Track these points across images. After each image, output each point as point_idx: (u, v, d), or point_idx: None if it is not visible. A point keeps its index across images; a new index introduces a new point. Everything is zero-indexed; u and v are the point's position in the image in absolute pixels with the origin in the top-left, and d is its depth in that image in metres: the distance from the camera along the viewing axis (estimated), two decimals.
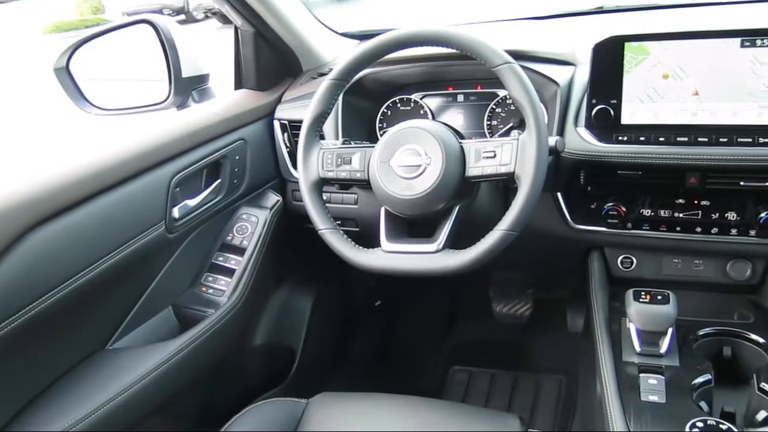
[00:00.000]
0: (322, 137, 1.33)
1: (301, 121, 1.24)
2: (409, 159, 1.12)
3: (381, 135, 1.18)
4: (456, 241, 1.12)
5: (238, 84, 1.59)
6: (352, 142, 1.26)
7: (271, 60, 1.57)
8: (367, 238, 1.25)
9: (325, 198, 1.30)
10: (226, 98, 1.51)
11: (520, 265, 1.69)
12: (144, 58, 1.46)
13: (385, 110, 1.48)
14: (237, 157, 1.43)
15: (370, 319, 2.06)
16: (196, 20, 11.63)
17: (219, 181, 1.40)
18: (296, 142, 1.26)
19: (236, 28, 1.53)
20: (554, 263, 1.52)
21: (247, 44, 1.53)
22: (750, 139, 1.10)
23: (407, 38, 1.17)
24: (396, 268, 1.13)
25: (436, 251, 1.10)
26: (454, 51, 1.13)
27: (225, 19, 1.52)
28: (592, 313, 1.23)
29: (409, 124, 1.16)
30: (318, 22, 1.65)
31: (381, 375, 2.00)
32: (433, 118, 1.44)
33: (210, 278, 1.40)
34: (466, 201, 1.17)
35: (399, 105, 1.47)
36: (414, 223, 1.20)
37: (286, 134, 1.51)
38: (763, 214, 1.14)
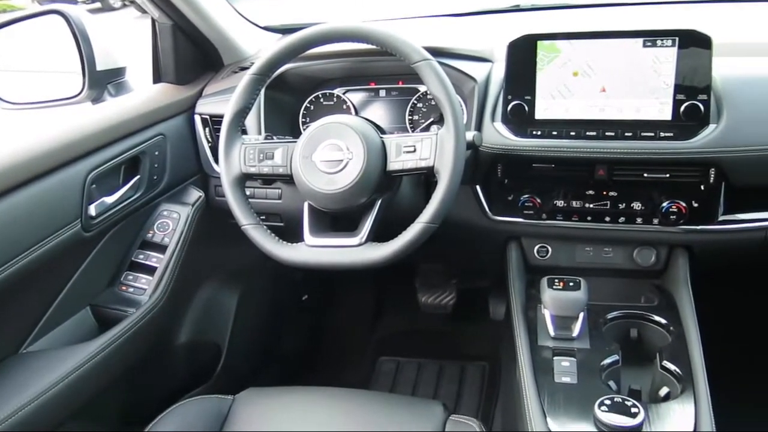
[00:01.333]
0: (244, 132, 1.32)
1: (222, 116, 1.23)
2: (331, 154, 1.13)
3: (304, 130, 1.18)
4: (379, 234, 1.14)
5: (157, 78, 1.55)
6: (274, 137, 1.26)
7: (191, 53, 1.54)
8: (291, 232, 1.25)
9: (248, 193, 1.29)
10: (144, 92, 1.48)
11: (444, 256, 1.73)
12: (56, 50, 1.40)
13: (308, 105, 1.48)
14: (156, 153, 1.40)
15: (297, 313, 2.07)
16: (114, 9, 11.19)
17: (138, 177, 1.37)
18: (218, 137, 1.24)
19: (153, 20, 1.49)
20: (475, 254, 1.56)
21: (165, 37, 1.49)
22: (652, 134, 1.17)
23: (327, 34, 1.18)
24: (319, 262, 1.14)
25: (359, 245, 1.12)
26: (375, 47, 1.15)
27: (143, 9, 1.48)
28: (510, 300, 1.28)
29: (331, 120, 1.17)
30: (239, 15, 1.64)
31: (309, 369, 2.01)
32: (356, 113, 1.46)
33: (130, 277, 1.36)
34: (388, 195, 1.19)
35: (322, 100, 1.48)
36: (337, 218, 1.21)
37: (207, 129, 1.49)
38: (664, 204, 1.21)
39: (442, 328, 2.11)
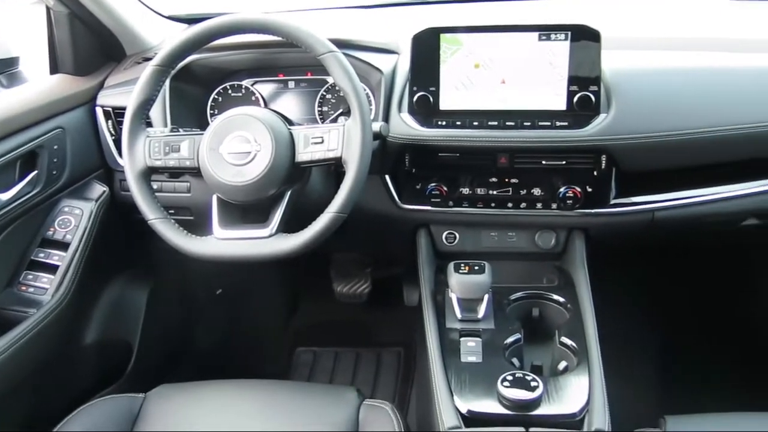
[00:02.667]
0: (149, 124, 1.29)
1: (125, 108, 1.20)
2: (238, 146, 1.13)
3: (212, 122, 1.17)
4: (290, 225, 1.15)
5: (54, 68, 1.49)
6: (180, 130, 1.24)
7: (90, 43, 1.48)
8: (202, 226, 1.24)
9: (156, 186, 1.27)
10: (41, 84, 1.41)
11: (357, 245, 1.76)
12: None
13: (216, 97, 1.47)
14: (55, 147, 1.35)
15: (211, 307, 2.04)
16: None
17: (35, 172, 1.32)
18: (121, 130, 1.21)
19: (48, 8, 1.43)
20: (387, 242, 1.59)
21: (61, 26, 1.43)
22: (549, 123, 1.24)
23: (232, 25, 1.17)
24: (229, 254, 1.14)
25: (269, 236, 1.13)
26: (281, 39, 1.16)
27: None
28: (420, 286, 1.33)
29: (237, 112, 1.17)
30: (141, 3, 1.59)
31: (225, 363, 1.99)
32: (266, 104, 1.45)
33: (30, 276, 1.31)
34: (298, 186, 1.20)
35: (230, 91, 1.46)
36: (247, 209, 1.21)
37: (110, 122, 1.45)
38: (561, 189, 1.28)
39: (358, 316, 2.14)
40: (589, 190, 1.28)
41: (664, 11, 1.67)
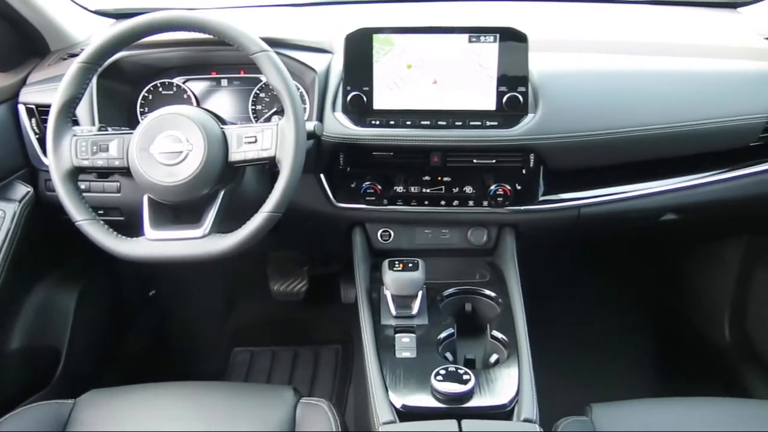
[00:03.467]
0: (75, 123, 1.26)
1: (49, 106, 1.16)
2: (169, 145, 1.12)
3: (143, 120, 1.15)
4: (224, 225, 1.15)
5: None
6: (109, 129, 1.21)
7: (11, 38, 1.43)
8: (133, 226, 1.22)
9: (84, 187, 1.24)
10: None
11: (293, 244, 1.75)
12: None
13: (146, 94, 1.43)
14: None
15: (144, 309, 2.00)
16: None
17: None
18: (46, 128, 1.17)
19: None
20: (323, 240, 1.60)
21: None
22: (479, 123, 1.27)
23: (163, 23, 1.15)
24: (161, 255, 1.12)
25: (203, 236, 1.12)
26: (213, 37, 1.15)
27: None
28: (356, 283, 1.34)
29: (168, 110, 1.15)
30: None
31: (160, 366, 1.95)
32: (198, 103, 1.43)
33: None
34: (232, 185, 1.19)
35: (161, 89, 1.43)
36: (179, 210, 1.19)
37: (33, 119, 1.39)
38: (492, 187, 1.31)
39: (295, 314, 2.14)
40: (519, 187, 1.32)
41: (589, 15, 1.73)
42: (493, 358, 1.20)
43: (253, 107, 1.42)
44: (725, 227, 1.79)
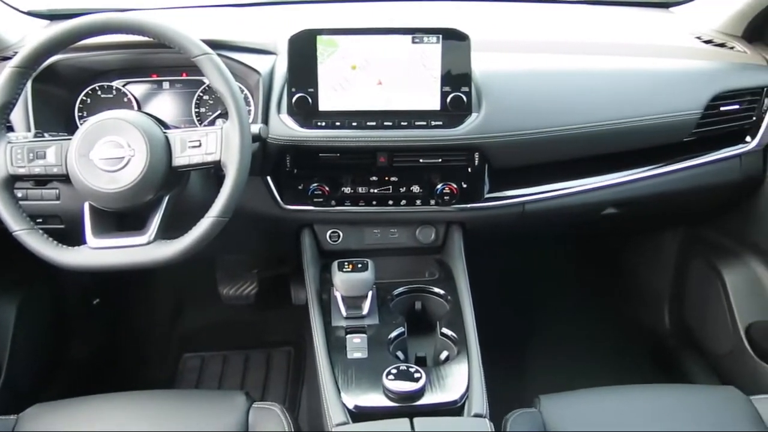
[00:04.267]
0: (10, 129, 1.21)
1: None
2: (110, 151, 1.09)
3: (81, 126, 1.12)
4: (170, 231, 1.13)
5: None
6: (46, 135, 1.17)
7: None
8: (74, 234, 1.18)
9: (21, 195, 1.20)
10: None
11: (242, 247, 1.74)
12: None
13: (84, 98, 1.39)
14: None
15: (89, 319, 1.94)
16: None
17: None
18: None
19: None
20: (272, 243, 1.59)
21: None
22: (425, 123, 1.28)
23: (100, 25, 1.12)
24: (105, 264, 1.09)
25: (148, 243, 1.10)
26: (153, 39, 1.13)
27: None
28: (306, 285, 1.34)
29: (108, 115, 1.12)
30: None
31: (107, 376, 1.90)
32: (139, 107, 1.40)
33: None
34: (176, 190, 1.17)
35: (99, 93, 1.40)
36: (123, 216, 1.17)
37: None
38: (439, 186, 1.33)
39: (246, 318, 2.12)
40: (464, 186, 1.34)
41: (528, 15, 1.77)
42: (444, 355, 1.22)
43: (197, 110, 1.40)
44: (663, 220, 1.86)
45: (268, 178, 1.35)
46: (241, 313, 2.10)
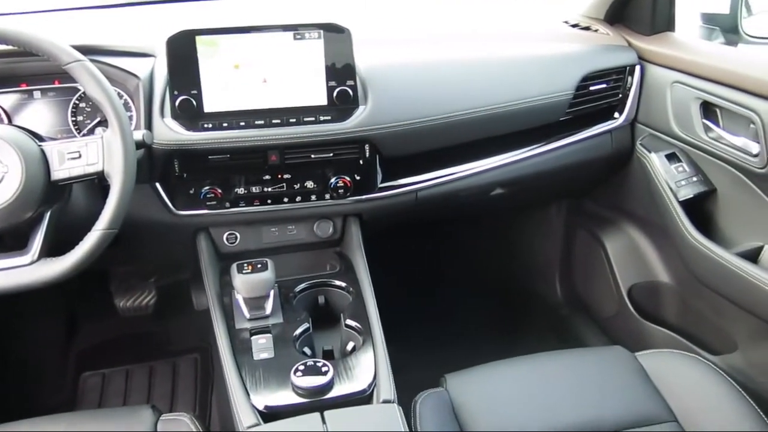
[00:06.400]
0: None
1: None
2: None
3: None
4: (56, 248, 1.07)
5: None
6: None
7: None
8: None
9: None
10: None
11: (135, 257, 1.68)
12: None
13: None
14: None
15: None
16: None
17: None
18: None
19: None
20: (167, 250, 1.55)
21: None
22: (313, 118, 1.29)
23: None
24: None
25: (31, 263, 1.04)
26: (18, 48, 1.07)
27: None
28: (206, 290, 1.32)
29: None
30: None
31: None
32: (9, 119, 1.32)
33: None
34: (58, 205, 1.12)
35: None
36: (1, 237, 1.10)
37: None
38: (332, 180, 1.34)
39: (147, 329, 2.05)
40: (358, 178, 1.36)
41: (406, 7, 1.81)
42: (350, 346, 1.24)
43: (74, 119, 1.33)
44: (548, 195, 1.97)
45: (157, 184, 1.31)
46: (142, 325, 2.03)
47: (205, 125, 1.25)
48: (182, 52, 1.23)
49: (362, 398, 1.09)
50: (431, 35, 1.58)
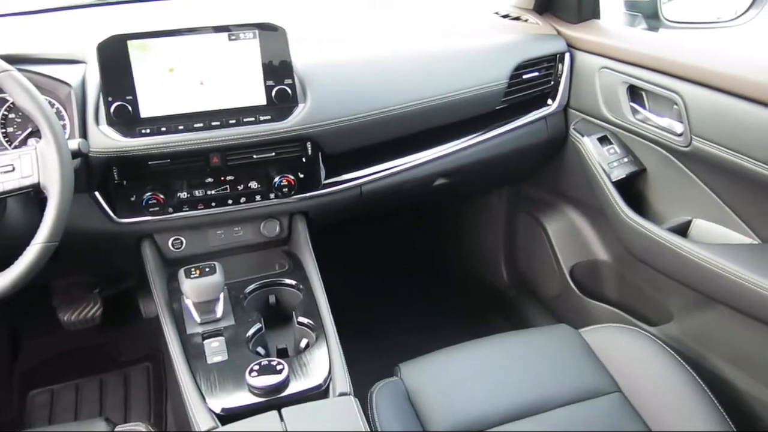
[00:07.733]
0: None
1: None
2: None
3: None
4: None
5: None
6: None
7: None
8: None
9: None
10: None
11: (79, 268, 1.64)
12: None
13: None
14: None
15: None
16: None
17: None
18: None
19: None
20: (111, 259, 1.52)
21: None
22: (253, 118, 1.29)
23: None
24: None
25: None
26: None
27: None
28: (154, 298, 1.30)
29: None
30: None
31: None
32: None
33: None
34: None
35: None
36: None
37: None
38: (276, 179, 1.34)
39: (94, 341, 2.00)
40: (301, 175, 1.36)
41: (339, 5, 1.82)
42: (303, 342, 1.25)
43: (3, 131, 1.29)
44: (489, 183, 2.01)
45: (97, 193, 1.28)
46: (89, 337, 1.98)
47: (143, 131, 1.24)
48: (114, 58, 1.21)
49: (318, 393, 1.11)
50: (366, 32, 1.60)
